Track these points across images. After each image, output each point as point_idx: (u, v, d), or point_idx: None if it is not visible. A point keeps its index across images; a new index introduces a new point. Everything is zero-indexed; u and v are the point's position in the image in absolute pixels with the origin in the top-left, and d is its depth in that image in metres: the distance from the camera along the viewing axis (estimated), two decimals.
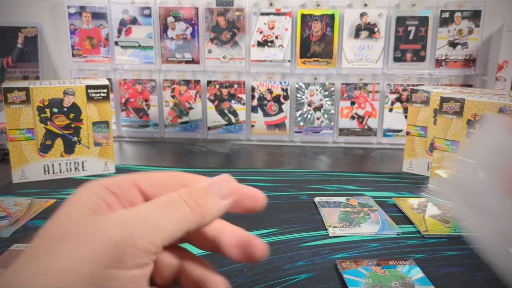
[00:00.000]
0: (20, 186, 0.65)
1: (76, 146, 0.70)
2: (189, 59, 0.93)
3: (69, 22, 0.91)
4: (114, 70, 0.94)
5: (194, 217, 0.24)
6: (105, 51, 0.93)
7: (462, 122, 0.61)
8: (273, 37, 0.91)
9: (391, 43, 0.90)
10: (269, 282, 0.40)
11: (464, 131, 0.61)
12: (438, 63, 0.91)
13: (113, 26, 0.91)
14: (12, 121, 0.65)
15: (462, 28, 0.89)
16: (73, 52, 0.92)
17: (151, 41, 0.92)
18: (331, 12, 0.89)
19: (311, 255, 0.46)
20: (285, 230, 0.52)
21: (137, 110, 0.95)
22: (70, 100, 0.68)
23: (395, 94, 0.92)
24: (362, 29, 0.90)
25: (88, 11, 0.91)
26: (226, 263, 0.43)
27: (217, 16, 0.90)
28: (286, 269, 0.43)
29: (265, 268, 0.43)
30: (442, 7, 0.88)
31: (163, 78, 0.94)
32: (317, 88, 0.93)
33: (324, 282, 0.40)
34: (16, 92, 0.65)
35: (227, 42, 0.91)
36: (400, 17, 0.89)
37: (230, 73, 0.93)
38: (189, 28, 0.91)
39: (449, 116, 0.62)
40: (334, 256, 0.46)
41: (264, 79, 0.93)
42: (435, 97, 0.68)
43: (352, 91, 0.92)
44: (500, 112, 0.57)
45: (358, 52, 0.90)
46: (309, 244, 0.48)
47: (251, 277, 0.41)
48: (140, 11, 0.91)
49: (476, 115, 0.59)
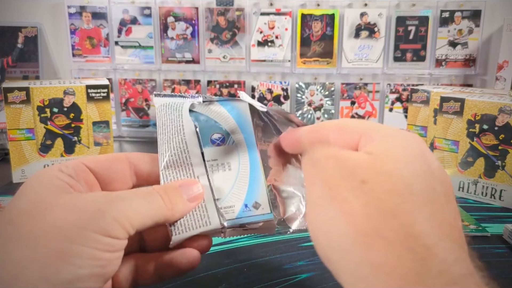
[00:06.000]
0: (20, 186, 0.65)
1: (76, 146, 0.70)
2: (189, 59, 0.93)
3: (69, 22, 0.91)
4: (114, 70, 0.94)
5: (165, 212, 0.27)
6: (105, 51, 0.93)
7: (462, 122, 0.61)
8: (273, 37, 0.91)
9: (391, 43, 0.90)
10: (269, 282, 0.40)
11: (464, 131, 0.61)
12: (438, 63, 0.91)
13: (113, 26, 0.91)
14: (12, 121, 0.65)
15: (462, 28, 0.89)
16: (73, 52, 0.92)
17: (151, 41, 0.92)
18: (331, 12, 0.89)
19: (311, 255, 0.46)
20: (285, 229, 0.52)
21: (137, 110, 0.95)
22: (70, 100, 0.68)
23: (395, 94, 0.92)
24: (362, 29, 0.90)
25: (88, 11, 0.91)
26: (226, 263, 0.43)
27: (217, 16, 0.90)
28: (286, 269, 0.43)
29: (265, 268, 0.43)
30: (442, 7, 0.88)
31: (163, 78, 0.94)
32: (317, 88, 0.93)
33: (324, 282, 0.40)
34: (16, 92, 0.65)
35: (227, 42, 0.91)
36: (400, 17, 0.89)
37: (230, 73, 0.93)
38: (189, 28, 0.91)
39: (449, 116, 0.62)
40: None
41: (264, 79, 0.93)
42: (435, 97, 0.68)
43: (352, 91, 0.92)
44: (500, 112, 0.57)
45: (358, 52, 0.90)
46: (309, 244, 0.48)
47: (251, 277, 0.41)
48: (140, 11, 0.91)
49: (476, 114, 0.59)
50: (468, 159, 0.61)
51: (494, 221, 0.54)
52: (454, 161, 0.62)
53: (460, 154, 0.62)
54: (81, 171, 0.28)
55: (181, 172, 0.30)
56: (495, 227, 0.52)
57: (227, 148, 0.32)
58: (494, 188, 0.59)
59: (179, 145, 0.31)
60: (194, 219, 0.29)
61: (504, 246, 0.47)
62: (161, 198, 0.27)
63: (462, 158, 0.61)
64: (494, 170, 0.59)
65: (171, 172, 0.30)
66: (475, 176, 0.61)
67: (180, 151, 0.30)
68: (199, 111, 0.33)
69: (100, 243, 0.23)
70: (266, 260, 0.44)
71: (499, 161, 0.58)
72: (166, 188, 0.28)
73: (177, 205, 0.28)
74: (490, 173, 0.59)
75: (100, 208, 0.24)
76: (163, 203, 0.27)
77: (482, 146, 0.59)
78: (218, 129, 0.33)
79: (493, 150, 0.59)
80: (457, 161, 0.62)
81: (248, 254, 0.45)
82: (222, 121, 0.33)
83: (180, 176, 0.30)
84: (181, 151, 0.30)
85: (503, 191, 0.58)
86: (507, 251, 0.46)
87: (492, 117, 0.58)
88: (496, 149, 0.58)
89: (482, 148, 0.59)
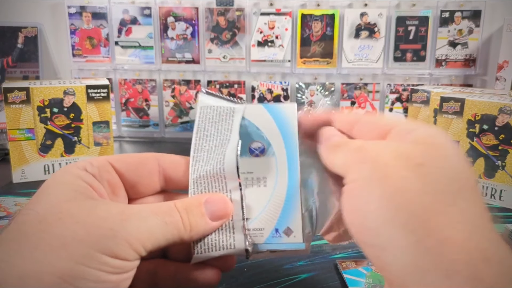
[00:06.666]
0: (20, 186, 0.65)
1: (76, 146, 0.70)
2: (189, 59, 0.93)
3: (69, 22, 0.91)
4: (114, 70, 0.94)
5: (183, 234, 0.25)
6: (105, 51, 0.93)
7: (462, 122, 0.61)
8: (273, 37, 0.91)
9: (391, 43, 0.90)
10: (269, 282, 0.40)
11: (464, 131, 0.61)
12: (438, 63, 0.91)
13: (113, 26, 0.91)
14: (12, 121, 0.65)
15: (462, 28, 0.89)
16: (73, 52, 0.92)
17: (151, 41, 0.92)
18: (331, 12, 0.89)
19: (311, 255, 0.46)
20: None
21: (137, 110, 0.95)
22: (70, 100, 0.68)
23: (395, 94, 0.92)
24: (362, 29, 0.90)
25: (88, 11, 0.91)
26: None
27: (217, 16, 0.90)
28: (286, 269, 0.43)
29: (265, 268, 0.43)
30: (442, 7, 0.88)
31: (163, 78, 0.94)
32: (317, 88, 0.93)
33: (324, 282, 0.40)
34: (16, 92, 0.65)
35: (227, 42, 0.91)
36: (400, 17, 0.89)
37: (230, 73, 0.93)
38: (189, 28, 0.91)
39: (449, 116, 0.62)
40: (334, 256, 0.46)
41: (264, 79, 0.93)
42: (435, 97, 0.68)
43: (352, 91, 0.92)
44: (500, 112, 0.57)
45: (358, 52, 0.90)
46: None
47: (251, 277, 0.41)
48: (140, 11, 0.91)
49: (476, 115, 0.59)
50: (468, 159, 0.61)
51: (494, 221, 0.54)
52: None
53: None
54: (106, 171, 0.27)
55: (213, 184, 0.28)
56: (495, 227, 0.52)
57: (266, 160, 0.29)
58: (494, 188, 0.59)
59: (219, 157, 0.28)
60: (218, 238, 0.27)
61: None
62: (181, 219, 0.25)
63: None
64: (494, 170, 0.59)
65: (202, 182, 0.28)
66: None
67: (216, 162, 0.28)
68: (243, 115, 0.30)
69: (107, 265, 0.22)
70: (266, 260, 0.44)
71: (499, 161, 0.58)
72: (188, 206, 0.26)
73: (197, 227, 0.26)
74: (490, 173, 0.59)
75: (113, 227, 0.23)
76: (182, 224, 0.25)
77: (482, 146, 0.59)
78: (259, 137, 0.29)
79: (493, 150, 0.59)
80: None
81: None
82: (265, 128, 0.29)
83: (211, 188, 0.28)
84: (218, 162, 0.28)
85: (503, 191, 0.58)
86: None
87: (492, 117, 0.58)
88: (496, 149, 0.58)
89: (482, 148, 0.59)
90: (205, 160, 0.28)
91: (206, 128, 0.29)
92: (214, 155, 0.28)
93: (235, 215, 0.28)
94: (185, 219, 0.25)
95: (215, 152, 0.28)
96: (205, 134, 0.29)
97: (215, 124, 0.29)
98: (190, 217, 0.26)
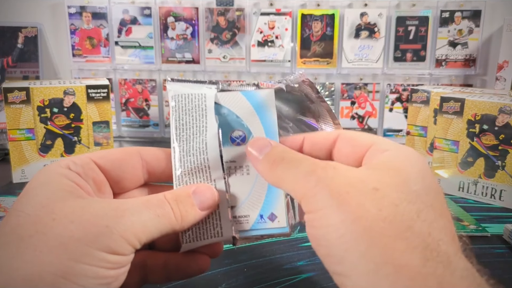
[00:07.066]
0: (20, 186, 0.65)
1: (76, 146, 0.70)
2: (189, 59, 0.93)
3: (69, 22, 0.91)
4: (114, 70, 0.94)
5: (174, 224, 0.26)
6: (105, 51, 0.93)
7: (462, 122, 0.61)
8: (273, 37, 0.91)
9: (391, 43, 0.90)
10: (269, 282, 0.40)
11: (464, 131, 0.61)
12: (438, 63, 0.91)
13: (113, 26, 0.91)
14: (12, 121, 0.65)
15: (462, 28, 0.89)
16: (73, 52, 0.92)
17: (151, 41, 0.92)
18: (331, 12, 0.89)
19: (311, 255, 0.46)
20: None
21: (137, 110, 0.95)
22: (70, 100, 0.68)
23: (395, 94, 0.92)
24: (362, 29, 0.90)
25: (88, 11, 0.91)
26: (226, 263, 0.43)
27: (217, 16, 0.90)
28: (286, 269, 0.43)
29: (265, 268, 0.43)
30: (442, 7, 0.88)
31: (163, 78, 0.94)
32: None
33: (324, 282, 0.40)
34: (16, 92, 0.65)
35: (227, 42, 0.91)
36: (400, 17, 0.89)
37: (230, 73, 0.93)
38: (189, 28, 0.91)
39: (449, 116, 0.62)
40: None
41: (265, 79, 0.93)
42: (435, 97, 0.68)
43: (352, 91, 0.92)
44: (500, 112, 0.57)
45: (358, 52, 0.90)
46: (309, 244, 0.48)
47: (251, 277, 0.41)
48: (140, 11, 0.91)
49: (476, 115, 0.59)
50: (468, 159, 0.61)
51: (494, 221, 0.54)
52: (454, 161, 0.62)
53: (460, 154, 0.62)
54: (90, 169, 0.27)
55: (198, 174, 0.28)
56: (495, 227, 0.52)
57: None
58: (494, 188, 0.59)
59: (199, 146, 0.28)
60: (206, 227, 0.28)
61: (504, 246, 0.47)
62: (172, 210, 0.26)
63: (462, 158, 0.61)
64: (494, 170, 0.59)
65: (186, 174, 0.28)
66: (475, 176, 0.61)
67: (198, 152, 0.28)
68: (220, 103, 0.29)
69: (106, 261, 0.23)
70: (266, 260, 0.44)
71: (499, 161, 0.58)
72: (178, 197, 0.27)
73: (188, 217, 0.27)
74: (490, 173, 0.59)
75: (108, 224, 0.23)
76: (173, 215, 0.26)
77: (482, 146, 0.59)
78: (239, 125, 0.29)
79: (493, 150, 0.59)
80: (457, 161, 0.62)
81: (248, 254, 0.45)
82: (244, 115, 0.30)
83: (196, 179, 0.28)
84: (200, 152, 0.28)
85: (503, 191, 0.58)
86: (507, 251, 0.46)
87: (492, 117, 0.58)
88: (496, 149, 0.58)
89: (482, 148, 0.59)
90: (186, 150, 0.28)
91: (181, 117, 0.29)
92: (194, 143, 0.29)
93: (220, 204, 0.28)
94: (176, 211, 0.26)
95: (194, 141, 0.29)
96: (181, 123, 0.29)
97: (189, 112, 0.29)
98: (181, 208, 0.26)
